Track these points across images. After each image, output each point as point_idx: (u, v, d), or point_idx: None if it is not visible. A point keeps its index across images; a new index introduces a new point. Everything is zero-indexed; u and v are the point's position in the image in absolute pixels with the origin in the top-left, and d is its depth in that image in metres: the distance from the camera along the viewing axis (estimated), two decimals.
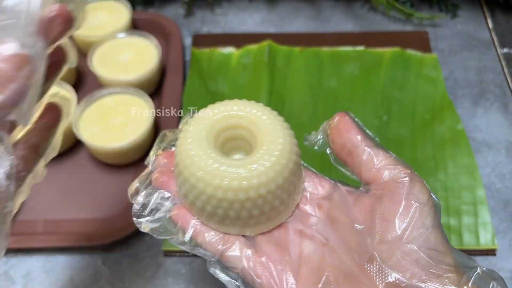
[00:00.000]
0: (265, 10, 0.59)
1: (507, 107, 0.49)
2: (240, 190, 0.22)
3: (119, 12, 0.53)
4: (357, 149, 0.24)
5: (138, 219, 0.25)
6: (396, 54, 0.52)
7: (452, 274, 0.21)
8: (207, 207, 0.23)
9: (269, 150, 0.23)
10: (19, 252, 0.40)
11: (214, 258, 0.24)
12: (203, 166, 0.23)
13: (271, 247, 0.24)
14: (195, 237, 0.24)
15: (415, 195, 0.22)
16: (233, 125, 0.25)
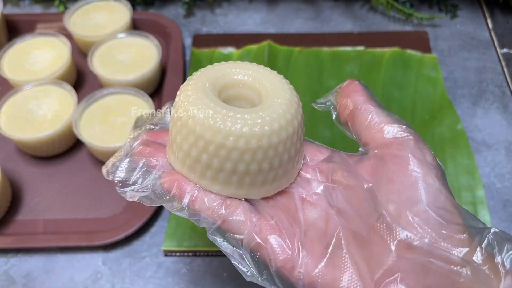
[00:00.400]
0: (265, 10, 0.59)
1: (507, 107, 0.49)
2: (253, 136, 0.21)
3: (119, 12, 0.53)
4: (359, 109, 0.23)
5: (122, 189, 0.23)
6: (396, 54, 0.52)
7: (464, 235, 0.19)
8: (214, 161, 0.21)
9: (278, 99, 0.22)
10: (19, 252, 0.40)
11: (215, 225, 0.21)
12: (212, 114, 0.21)
13: (277, 211, 0.22)
14: (193, 203, 0.22)
15: (420, 154, 0.21)
16: (234, 82, 0.24)
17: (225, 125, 0.21)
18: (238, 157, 0.21)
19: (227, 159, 0.21)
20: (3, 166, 0.44)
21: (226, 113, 0.21)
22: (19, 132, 0.43)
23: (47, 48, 0.50)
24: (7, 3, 0.59)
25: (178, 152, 0.22)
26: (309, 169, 0.24)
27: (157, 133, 0.25)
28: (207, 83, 0.23)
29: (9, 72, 0.47)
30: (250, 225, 0.21)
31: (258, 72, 0.24)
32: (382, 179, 0.21)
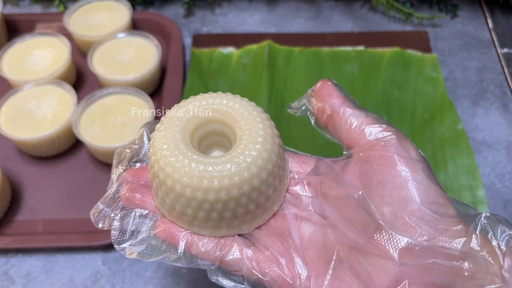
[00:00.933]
0: (265, 10, 0.59)
1: (507, 107, 0.49)
2: (233, 187, 0.21)
3: (119, 12, 0.53)
4: (337, 112, 0.23)
5: (120, 245, 0.23)
6: (396, 54, 0.52)
7: (459, 226, 0.20)
8: (200, 213, 0.21)
9: (251, 139, 0.22)
10: (19, 252, 0.40)
11: (214, 266, 0.22)
12: (188, 171, 0.21)
13: (272, 238, 0.22)
14: (189, 250, 0.22)
15: (405, 152, 0.21)
16: (206, 120, 0.23)
17: (202, 182, 0.20)
18: (223, 207, 0.21)
19: (211, 211, 0.21)
20: (3, 166, 0.44)
21: (203, 168, 0.21)
22: (19, 132, 0.42)
23: (47, 48, 0.50)
24: (6, 2, 0.59)
25: (162, 204, 0.23)
26: (297, 184, 0.24)
27: (138, 171, 0.25)
28: (178, 132, 0.22)
29: (9, 72, 0.47)
30: (247, 261, 0.21)
31: (228, 106, 0.23)
32: (372, 182, 0.21)
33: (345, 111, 0.23)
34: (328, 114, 0.23)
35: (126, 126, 0.43)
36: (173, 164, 0.21)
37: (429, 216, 0.20)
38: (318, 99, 0.24)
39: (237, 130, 0.22)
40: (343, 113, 0.23)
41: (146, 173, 0.24)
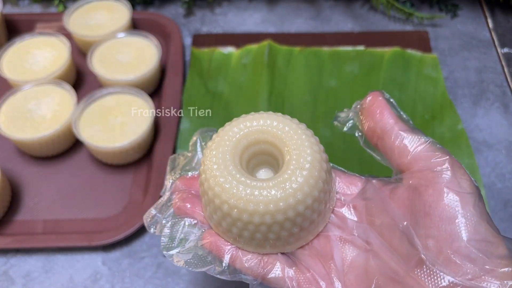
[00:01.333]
0: (265, 10, 0.59)
1: (507, 107, 0.49)
2: (278, 212, 0.21)
3: (119, 12, 0.53)
4: (389, 134, 0.22)
5: (169, 252, 0.24)
6: (396, 54, 0.52)
7: (508, 268, 0.19)
8: (245, 233, 0.22)
9: (299, 164, 0.22)
10: (19, 252, 0.40)
11: (256, 282, 0.22)
12: (235, 193, 0.21)
13: (313, 260, 0.22)
14: (233, 263, 0.23)
15: (457, 183, 0.20)
16: (256, 141, 0.24)
17: (249, 205, 0.21)
18: (267, 229, 0.22)
19: (256, 232, 0.22)
20: (3, 166, 0.44)
21: (249, 192, 0.21)
22: (19, 132, 0.42)
23: (47, 48, 0.50)
24: (6, 2, 0.59)
25: (210, 218, 0.24)
26: (343, 206, 0.24)
27: (190, 180, 0.25)
28: (228, 152, 0.23)
29: (8, 72, 0.47)
30: (288, 281, 0.22)
31: (278, 128, 0.23)
32: (419, 212, 0.20)
33: (398, 135, 0.22)
34: (379, 135, 0.22)
35: (126, 126, 0.43)
36: (222, 185, 0.22)
37: (475, 255, 0.19)
38: (369, 117, 0.23)
39: (285, 153, 0.23)
40: (396, 136, 0.22)
41: (197, 183, 0.25)
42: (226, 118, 0.47)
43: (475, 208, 0.20)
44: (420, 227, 0.20)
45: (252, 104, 0.48)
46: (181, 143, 0.45)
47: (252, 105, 0.48)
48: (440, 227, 0.20)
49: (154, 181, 0.41)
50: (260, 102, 0.48)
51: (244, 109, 0.48)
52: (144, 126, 0.42)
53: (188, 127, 0.47)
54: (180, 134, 0.46)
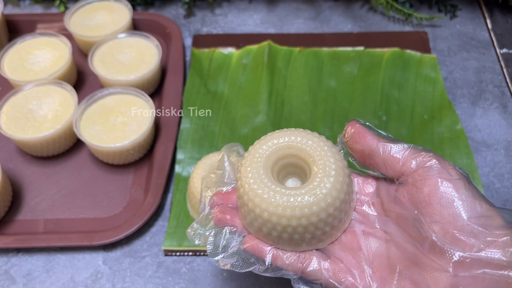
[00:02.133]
0: (265, 10, 0.59)
1: (506, 107, 0.49)
2: (312, 215, 0.24)
3: (119, 13, 0.53)
4: (376, 152, 0.26)
5: (215, 258, 0.27)
6: (395, 54, 0.52)
7: (506, 237, 0.22)
8: (283, 235, 0.25)
9: (325, 173, 0.25)
10: (20, 251, 0.40)
11: (296, 276, 0.25)
12: (273, 202, 0.25)
13: (344, 252, 0.26)
14: (274, 262, 0.26)
15: (446, 173, 0.24)
16: (284, 155, 0.27)
17: (286, 211, 0.24)
18: (303, 230, 0.25)
19: (293, 233, 0.25)
20: (4, 166, 0.44)
21: (286, 199, 0.25)
22: (20, 132, 0.43)
23: (48, 48, 0.50)
24: (7, 3, 0.60)
25: (250, 226, 0.26)
26: (363, 204, 0.27)
27: (225, 195, 0.28)
28: (261, 167, 0.26)
29: (9, 72, 0.48)
30: (324, 272, 0.25)
31: (302, 143, 0.27)
32: (421, 203, 0.24)
33: (384, 150, 0.25)
34: (368, 156, 0.26)
35: (126, 126, 0.43)
36: (261, 196, 0.25)
37: (476, 230, 0.22)
38: (354, 144, 0.27)
39: (311, 163, 0.26)
40: (383, 152, 0.25)
41: (231, 196, 0.28)
42: (226, 118, 0.48)
43: (467, 190, 0.23)
44: (425, 216, 0.23)
45: (252, 104, 0.48)
46: (181, 143, 0.45)
47: (252, 105, 0.48)
48: (441, 212, 0.23)
49: (154, 181, 0.42)
50: (260, 102, 0.48)
51: (244, 109, 0.48)
52: (144, 126, 0.43)
53: (188, 127, 0.47)
54: (181, 134, 0.46)
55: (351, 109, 0.48)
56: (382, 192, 0.26)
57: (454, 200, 0.23)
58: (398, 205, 0.25)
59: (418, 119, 0.47)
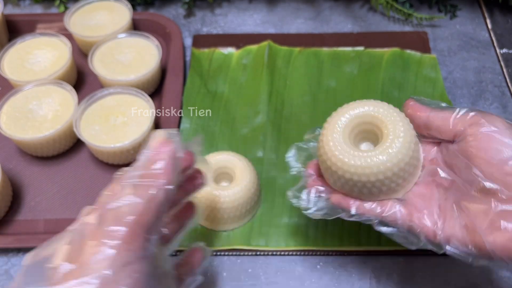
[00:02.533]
0: (265, 10, 0.59)
1: (506, 107, 0.49)
2: (387, 170, 0.29)
3: (119, 13, 0.53)
4: (429, 122, 0.30)
5: (307, 211, 0.32)
6: (395, 54, 0.52)
7: None
8: (364, 190, 0.30)
9: (395, 134, 0.29)
10: (20, 251, 0.40)
11: (377, 220, 0.30)
12: (354, 164, 0.29)
13: (416, 199, 0.30)
14: (358, 211, 0.31)
15: (491, 126, 0.27)
16: (358, 123, 0.31)
17: (365, 170, 0.29)
18: (380, 184, 0.29)
19: (372, 187, 0.30)
20: (4, 166, 0.44)
21: (364, 160, 0.29)
22: (20, 132, 0.43)
23: (48, 48, 0.50)
24: (7, 3, 0.60)
25: (334, 184, 0.32)
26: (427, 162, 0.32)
27: (312, 166, 0.34)
28: (340, 134, 0.31)
29: (9, 72, 0.48)
30: (400, 215, 0.30)
31: (375, 111, 0.31)
32: (472, 154, 0.28)
33: (435, 118, 0.30)
34: (424, 126, 0.31)
35: (126, 126, 0.43)
36: (342, 160, 0.30)
37: None
38: (412, 118, 0.31)
39: (383, 128, 0.30)
40: (434, 120, 0.30)
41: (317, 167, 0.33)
42: (226, 118, 0.48)
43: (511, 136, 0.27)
44: (475, 164, 0.27)
45: (252, 104, 0.48)
46: None
47: (252, 105, 0.48)
48: (489, 160, 0.27)
49: None
50: (260, 102, 0.48)
51: (244, 109, 0.48)
52: (144, 126, 0.43)
53: (188, 127, 0.47)
54: (181, 133, 0.46)
55: None
56: (442, 151, 0.31)
57: (500, 148, 0.26)
58: (454, 159, 0.29)
59: None
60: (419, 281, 0.37)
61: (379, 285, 0.37)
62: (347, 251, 0.39)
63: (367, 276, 0.38)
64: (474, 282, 0.37)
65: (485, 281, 0.37)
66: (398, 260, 0.39)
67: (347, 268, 0.38)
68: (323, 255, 0.39)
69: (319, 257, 0.39)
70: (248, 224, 0.41)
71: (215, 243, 0.39)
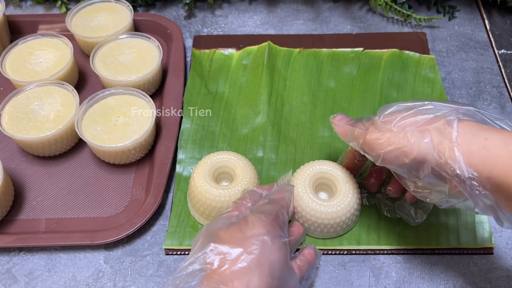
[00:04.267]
0: (265, 12, 0.60)
1: (504, 107, 0.49)
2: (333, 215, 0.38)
3: (120, 14, 0.53)
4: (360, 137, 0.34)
5: None
6: (394, 55, 0.53)
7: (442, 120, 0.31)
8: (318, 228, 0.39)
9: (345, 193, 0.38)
10: (22, 250, 0.40)
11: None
12: (313, 208, 0.38)
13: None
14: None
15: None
16: (320, 177, 0.40)
17: (318, 214, 0.38)
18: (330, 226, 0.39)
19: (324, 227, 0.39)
20: (6, 165, 0.44)
21: (319, 207, 0.38)
22: (22, 132, 0.43)
23: (49, 49, 0.50)
24: (9, 4, 0.60)
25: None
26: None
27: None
28: (306, 186, 0.39)
29: (11, 73, 0.48)
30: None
31: (332, 171, 0.40)
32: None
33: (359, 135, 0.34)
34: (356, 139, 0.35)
35: (127, 126, 0.43)
36: (308, 205, 0.38)
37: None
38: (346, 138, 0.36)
39: (337, 185, 0.39)
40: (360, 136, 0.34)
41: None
42: (226, 118, 0.48)
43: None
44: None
45: (252, 104, 0.49)
46: (181, 143, 0.46)
47: (252, 105, 0.49)
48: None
49: (155, 180, 0.42)
50: (260, 103, 0.48)
51: (244, 109, 0.48)
52: (145, 126, 0.43)
53: (189, 127, 0.47)
54: (181, 134, 0.46)
55: (350, 109, 0.48)
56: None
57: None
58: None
59: None
60: (417, 280, 0.38)
61: (378, 283, 0.37)
62: (346, 250, 0.39)
63: (366, 275, 0.38)
64: (473, 281, 0.38)
65: (483, 279, 0.38)
66: (396, 259, 0.39)
67: (346, 267, 0.38)
68: (322, 254, 0.39)
69: None
70: None
71: None
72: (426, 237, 0.39)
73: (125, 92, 0.46)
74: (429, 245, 0.39)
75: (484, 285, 0.37)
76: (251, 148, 0.45)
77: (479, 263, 0.39)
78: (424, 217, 0.39)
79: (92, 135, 0.43)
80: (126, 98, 0.46)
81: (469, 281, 0.38)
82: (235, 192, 0.39)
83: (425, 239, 0.39)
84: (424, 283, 0.37)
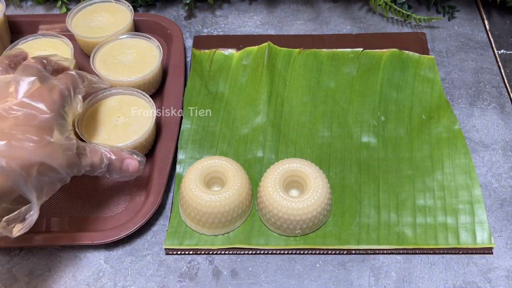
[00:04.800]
0: (264, 12, 0.60)
1: (504, 108, 0.49)
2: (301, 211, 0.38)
3: (121, 14, 0.53)
4: None
5: None
6: (394, 55, 0.53)
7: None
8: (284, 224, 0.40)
9: (315, 189, 0.39)
10: (22, 250, 0.40)
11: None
12: (280, 203, 0.38)
13: None
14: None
15: None
16: (291, 175, 0.40)
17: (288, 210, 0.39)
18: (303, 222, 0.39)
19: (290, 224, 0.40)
20: None
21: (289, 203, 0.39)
22: None
23: (50, 49, 0.50)
24: (9, 4, 0.60)
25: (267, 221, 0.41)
26: None
27: None
28: (277, 183, 0.40)
29: None
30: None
31: (304, 168, 0.41)
32: None
33: None
34: None
35: (128, 126, 0.43)
36: (276, 201, 0.39)
37: None
38: None
39: (307, 182, 0.40)
40: None
41: None
42: (226, 118, 0.48)
43: None
44: None
45: (252, 104, 0.49)
46: (182, 143, 0.46)
47: (252, 105, 0.49)
48: None
49: (155, 180, 0.42)
50: (260, 103, 0.48)
51: (244, 109, 0.49)
52: (146, 127, 0.43)
53: (189, 127, 0.47)
54: (181, 134, 0.46)
55: (350, 109, 0.48)
56: None
57: None
58: None
59: (416, 120, 0.47)
60: (417, 280, 0.38)
61: (378, 283, 0.38)
62: (346, 250, 0.39)
63: (365, 274, 0.38)
64: (472, 281, 0.38)
65: (483, 279, 0.38)
66: (396, 259, 0.39)
67: (346, 267, 0.39)
68: (322, 254, 0.39)
69: (318, 256, 0.39)
70: (248, 223, 0.41)
71: (215, 242, 0.40)
72: (425, 237, 0.39)
73: (126, 92, 0.46)
74: (428, 245, 0.39)
75: (484, 285, 0.37)
76: (251, 148, 0.46)
77: (478, 263, 0.39)
78: None
79: (92, 135, 0.43)
80: (127, 98, 0.46)
81: (468, 281, 0.38)
82: (226, 197, 0.38)
83: (424, 239, 0.39)
84: (423, 283, 0.38)
